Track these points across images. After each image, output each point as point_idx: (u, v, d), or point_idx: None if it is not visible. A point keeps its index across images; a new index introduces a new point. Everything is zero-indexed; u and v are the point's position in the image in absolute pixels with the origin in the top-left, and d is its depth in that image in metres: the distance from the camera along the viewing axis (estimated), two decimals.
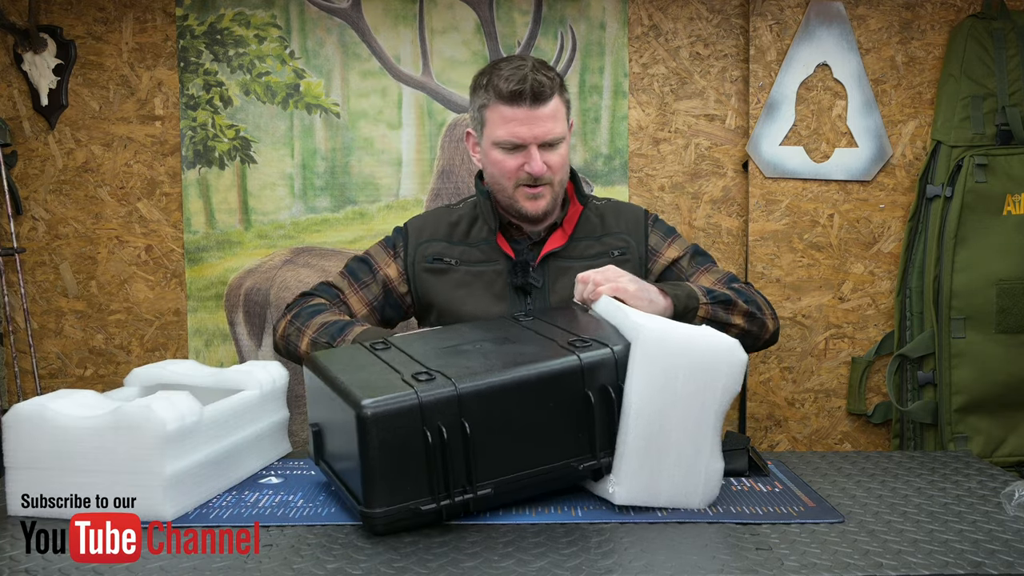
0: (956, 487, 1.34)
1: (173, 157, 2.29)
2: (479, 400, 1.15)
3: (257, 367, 1.49)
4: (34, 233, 2.30)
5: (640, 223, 1.74)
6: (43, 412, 1.20)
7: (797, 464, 1.48)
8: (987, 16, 2.17)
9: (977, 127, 2.15)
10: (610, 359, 1.20)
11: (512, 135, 1.58)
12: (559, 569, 1.02)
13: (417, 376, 1.17)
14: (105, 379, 2.31)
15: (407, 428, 1.12)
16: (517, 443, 1.18)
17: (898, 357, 2.21)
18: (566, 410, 1.19)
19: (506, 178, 1.61)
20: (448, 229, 1.72)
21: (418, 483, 1.13)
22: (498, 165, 1.61)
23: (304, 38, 2.27)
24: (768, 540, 1.11)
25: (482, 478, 1.16)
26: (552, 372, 1.19)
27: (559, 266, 1.67)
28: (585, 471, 1.21)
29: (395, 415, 1.11)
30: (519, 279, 1.65)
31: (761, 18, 2.23)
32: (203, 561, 1.06)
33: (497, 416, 1.16)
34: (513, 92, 1.56)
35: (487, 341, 1.32)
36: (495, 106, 1.59)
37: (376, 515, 1.12)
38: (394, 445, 1.11)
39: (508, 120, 1.58)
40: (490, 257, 1.68)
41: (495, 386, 1.16)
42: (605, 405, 1.20)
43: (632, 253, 1.70)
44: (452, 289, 1.67)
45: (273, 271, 2.29)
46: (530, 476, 1.19)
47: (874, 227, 2.25)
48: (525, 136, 1.58)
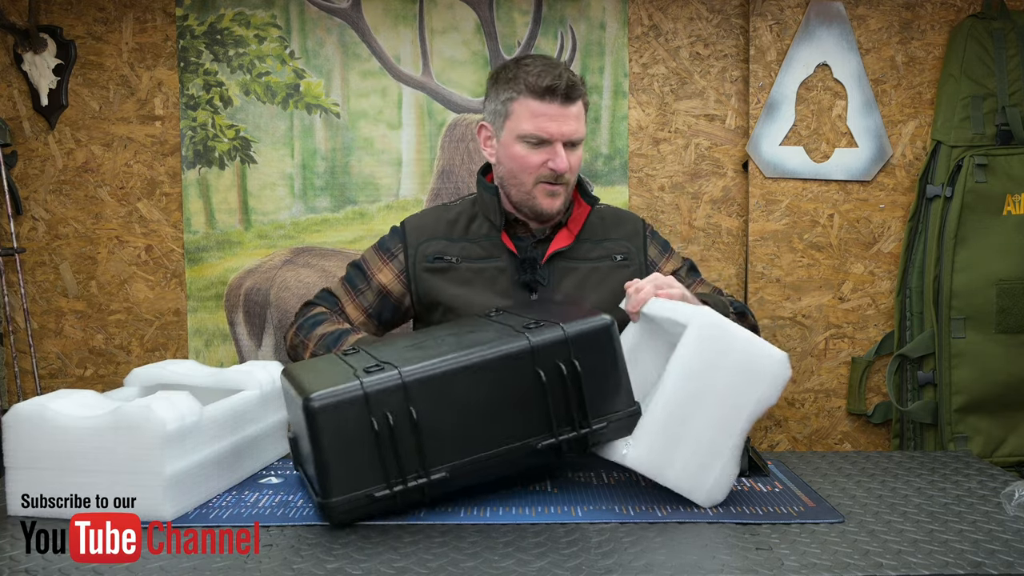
0: (956, 487, 1.34)
1: (173, 157, 2.29)
2: (425, 386, 1.18)
3: (257, 367, 1.49)
4: (34, 233, 2.30)
5: (639, 233, 1.76)
6: (43, 412, 1.20)
7: (797, 464, 1.48)
8: (987, 16, 2.17)
9: (977, 127, 2.15)
10: (560, 338, 1.22)
11: (541, 130, 1.59)
12: (559, 569, 1.02)
13: (368, 369, 1.21)
14: (105, 379, 2.31)
15: (354, 417, 1.15)
16: (471, 426, 1.20)
17: (898, 357, 2.21)
18: (520, 391, 1.21)
19: (527, 173, 1.61)
20: (447, 227, 1.72)
21: (371, 471, 1.16)
22: (520, 160, 1.62)
23: (304, 38, 2.27)
24: (768, 540, 1.11)
25: (436, 463, 1.18)
26: (501, 354, 1.21)
27: (565, 266, 1.67)
28: (545, 449, 1.22)
29: (341, 405, 1.15)
30: (527, 276, 1.65)
31: (761, 18, 2.23)
32: (203, 561, 1.06)
33: (446, 401, 1.19)
34: (548, 87, 1.57)
35: (451, 336, 1.35)
36: (524, 100, 1.59)
37: (333, 504, 1.15)
38: (343, 435, 1.15)
39: (537, 115, 1.58)
40: (492, 253, 1.68)
41: (441, 372, 1.19)
42: (559, 382, 1.22)
43: (633, 260, 1.71)
44: (456, 287, 1.67)
45: (273, 271, 2.30)
46: (487, 458, 1.20)
47: (874, 227, 2.25)
48: (553, 132, 1.59)
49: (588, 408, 1.23)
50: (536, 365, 1.21)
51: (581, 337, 1.23)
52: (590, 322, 1.25)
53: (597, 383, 1.24)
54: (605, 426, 1.23)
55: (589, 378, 1.23)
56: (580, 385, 1.22)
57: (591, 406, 1.23)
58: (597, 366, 1.24)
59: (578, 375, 1.22)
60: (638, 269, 1.70)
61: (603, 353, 1.24)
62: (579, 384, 1.22)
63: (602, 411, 1.24)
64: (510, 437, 1.21)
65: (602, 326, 1.25)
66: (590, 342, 1.23)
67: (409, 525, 1.17)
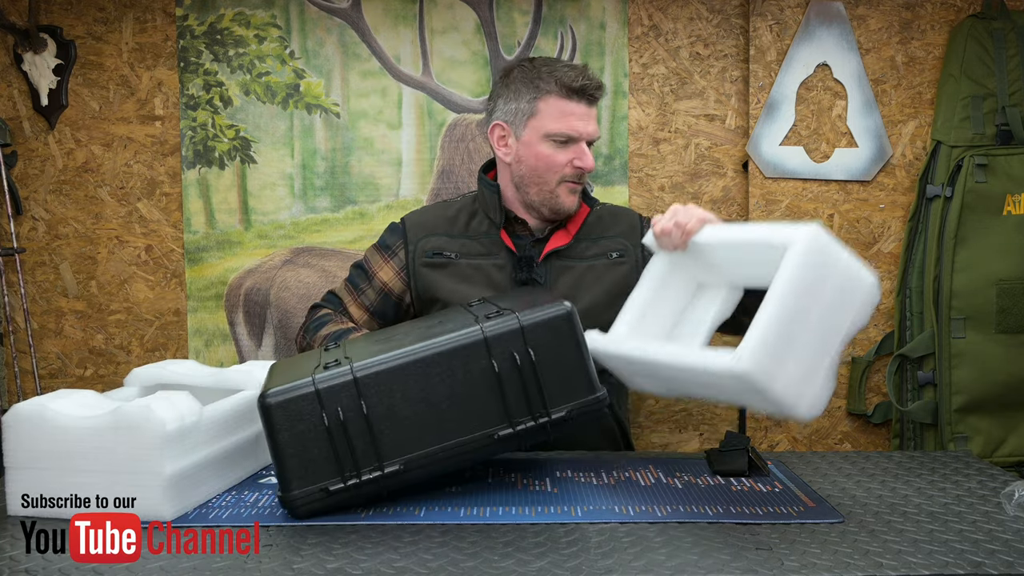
0: (956, 487, 1.34)
1: (173, 157, 2.29)
2: (376, 381, 1.19)
3: (257, 367, 1.49)
4: (34, 233, 2.30)
5: (636, 228, 1.76)
6: (43, 412, 1.20)
7: (797, 464, 1.48)
8: (987, 16, 2.17)
9: (977, 127, 2.15)
10: (515, 327, 1.22)
11: (571, 128, 1.61)
12: (559, 569, 1.02)
13: (327, 365, 1.23)
14: (105, 379, 2.31)
15: (307, 413, 1.18)
16: (426, 419, 1.20)
17: (898, 357, 2.21)
18: (476, 382, 1.21)
19: (552, 172, 1.63)
20: (447, 223, 1.73)
21: (326, 465, 1.18)
22: (546, 159, 1.63)
23: (304, 38, 2.27)
24: (768, 540, 1.11)
25: (391, 456, 1.19)
26: (452, 346, 1.21)
27: (561, 264, 1.68)
28: (504, 439, 1.22)
29: (293, 402, 1.18)
30: (523, 274, 1.66)
31: (761, 18, 2.23)
32: (203, 561, 1.06)
33: (399, 394, 1.20)
34: (580, 88, 1.60)
35: (420, 328, 1.36)
36: (553, 99, 1.61)
37: (292, 498, 1.18)
38: (297, 431, 1.18)
39: (567, 114, 1.61)
40: (491, 251, 1.69)
41: (391, 366, 1.20)
42: (514, 372, 1.22)
43: (629, 256, 1.72)
44: (454, 282, 1.67)
45: (273, 271, 2.30)
46: (444, 450, 1.21)
47: (874, 227, 2.25)
48: (582, 131, 1.62)
49: (546, 397, 1.23)
50: (491, 356, 1.21)
51: (537, 326, 1.23)
52: (547, 310, 1.24)
53: (556, 372, 1.23)
54: (565, 415, 1.23)
55: (546, 367, 1.22)
56: (536, 374, 1.22)
57: (550, 395, 1.23)
58: (555, 355, 1.23)
59: (533, 364, 1.22)
60: (634, 264, 1.71)
61: (561, 342, 1.24)
62: (535, 373, 1.22)
63: (562, 400, 1.24)
64: (466, 429, 1.22)
65: (559, 314, 1.24)
66: (547, 331, 1.23)
67: (409, 525, 1.17)
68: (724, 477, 1.38)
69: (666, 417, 2.29)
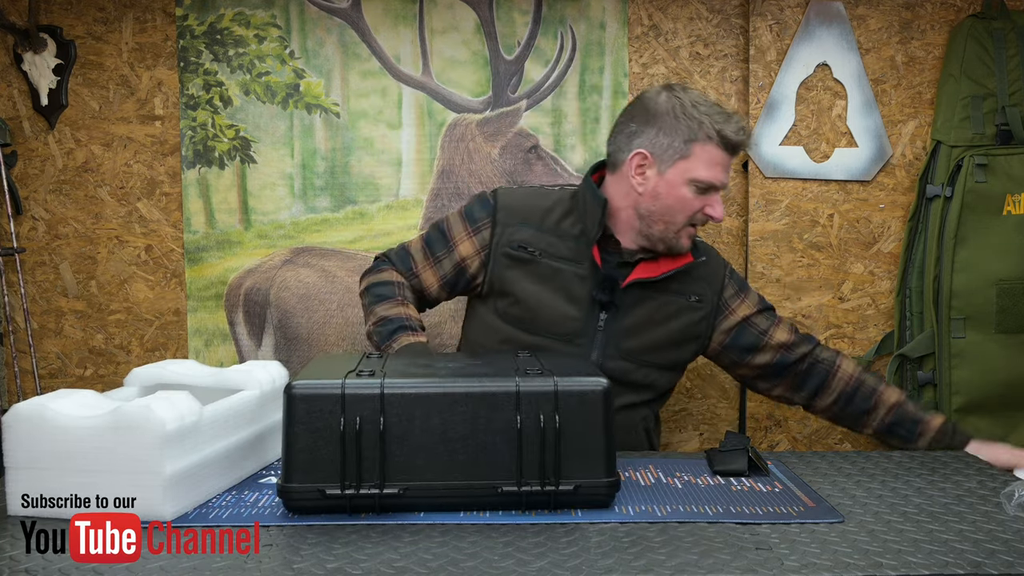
0: (956, 487, 1.34)
1: (173, 157, 2.29)
2: (401, 402, 1.19)
3: (257, 367, 1.49)
4: (34, 233, 2.30)
5: (718, 273, 1.75)
6: (43, 412, 1.20)
7: (797, 464, 1.47)
8: (987, 16, 2.17)
9: (977, 127, 2.15)
10: (550, 389, 1.20)
11: (717, 179, 1.61)
12: (559, 569, 1.02)
13: (360, 372, 1.23)
14: (105, 379, 2.31)
15: (327, 413, 1.18)
16: (437, 453, 1.20)
17: (898, 357, 2.21)
18: (496, 431, 1.20)
19: (684, 215, 1.63)
20: (540, 215, 1.69)
21: (330, 468, 1.18)
22: (684, 202, 1.62)
23: (304, 38, 2.27)
24: (768, 540, 1.11)
25: (393, 478, 1.19)
26: (482, 391, 1.20)
27: (642, 294, 1.67)
28: (507, 495, 1.19)
29: (317, 398, 1.18)
30: (605, 295, 1.64)
31: (761, 18, 2.23)
32: (203, 561, 1.06)
33: (419, 422, 1.19)
34: (737, 143, 1.61)
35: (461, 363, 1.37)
36: (710, 147, 1.60)
37: (289, 490, 1.18)
38: (312, 427, 1.18)
39: (716, 164, 1.61)
40: (577, 257, 1.66)
41: (420, 393, 1.20)
42: (536, 433, 1.20)
43: (706, 303, 1.71)
44: (531, 282, 1.65)
45: (273, 271, 2.30)
46: (446, 488, 1.20)
47: (874, 227, 2.25)
48: (724, 182, 1.63)
49: (561, 466, 1.20)
50: (518, 410, 1.20)
51: (571, 395, 1.21)
52: (585, 382, 1.22)
53: (576, 444, 1.21)
54: (574, 489, 1.20)
55: (569, 437, 1.20)
56: (557, 440, 1.20)
57: (564, 465, 1.20)
58: (581, 427, 1.21)
59: (558, 431, 1.20)
60: (710, 311, 1.71)
61: (590, 416, 1.21)
62: (557, 440, 1.20)
63: (575, 473, 1.21)
64: (473, 474, 1.20)
65: (595, 389, 1.22)
66: (579, 401, 1.21)
67: (409, 525, 1.17)
68: (724, 477, 1.38)
69: (666, 417, 2.28)
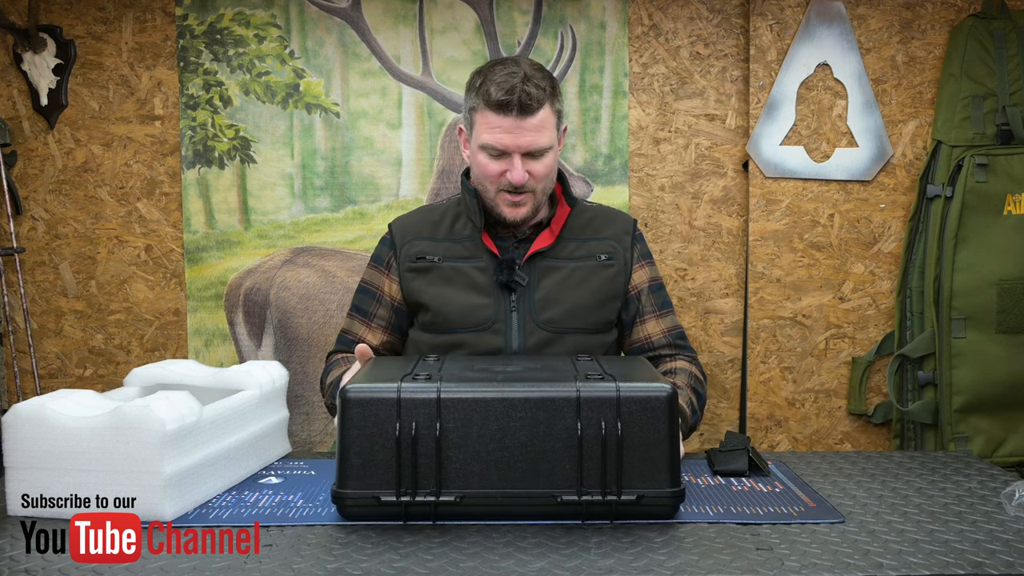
0: (956, 487, 1.34)
1: (173, 157, 2.29)
2: (458, 406, 1.17)
3: (257, 367, 1.49)
4: (34, 233, 2.30)
5: (628, 232, 1.74)
6: (43, 412, 1.20)
7: (797, 464, 1.47)
8: (987, 16, 2.16)
9: (977, 127, 2.15)
10: (612, 395, 1.17)
11: (497, 142, 1.58)
12: (559, 569, 1.02)
13: (416, 376, 1.21)
14: (105, 379, 2.31)
15: (383, 418, 1.16)
16: (497, 459, 1.17)
17: (898, 357, 2.21)
18: (557, 437, 1.17)
19: (489, 182, 1.62)
20: (431, 227, 1.72)
21: (385, 475, 1.16)
22: (482, 168, 1.62)
23: (304, 38, 2.27)
24: (768, 540, 1.11)
25: (451, 485, 1.17)
26: (541, 396, 1.17)
27: (545, 265, 1.67)
28: (567, 504, 1.16)
29: (373, 403, 1.16)
30: (504, 276, 1.65)
31: (761, 18, 2.23)
32: (203, 561, 1.06)
33: (476, 428, 1.17)
34: (500, 102, 1.55)
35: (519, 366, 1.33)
36: (483, 111, 1.59)
37: (343, 495, 1.17)
38: (367, 432, 1.16)
39: (493, 127, 1.58)
40: (474, 253, 1.68)
41: (477, 398, 1.17)
42: (597, 440, 1.16)
43: (618, 260, 1.71)
44: (437, 287, 1.66)
45: (273, 271, 2.29)
46: (505, 496, 1.17)
47: (874, 227, 2.25)
48: (509, 145, 1.58)
49: (623, 475, 1.17)
50: (579, 417, 1.17)
51: (634, 400, 1.17)
52: (649, 388, 1.19)
53: (639, 452, 1.17)
54: (636, 499, 1.17)
55: (631, 445, 1.17)
56: (620, 448, 1.16)
57: (627, 474, 1.17)
58: (644, 434, 1.17)
59: (620, 439, 1.16)
60: (621, 268, 1.70)
61: (654, 423, 1.18)
62: (619, 447, 1.16)
63: (639, 483, 1.17)
64: (532, 482, 1.18)
65: (659, 395, 1.18)
66: (643, 408, 1.18)
67: (409, 525, 1.17)
68: (724, 477, 1.38)
69: None
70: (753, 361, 2.27)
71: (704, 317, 2.32)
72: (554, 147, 1.63)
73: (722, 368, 2.33)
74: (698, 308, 2.31)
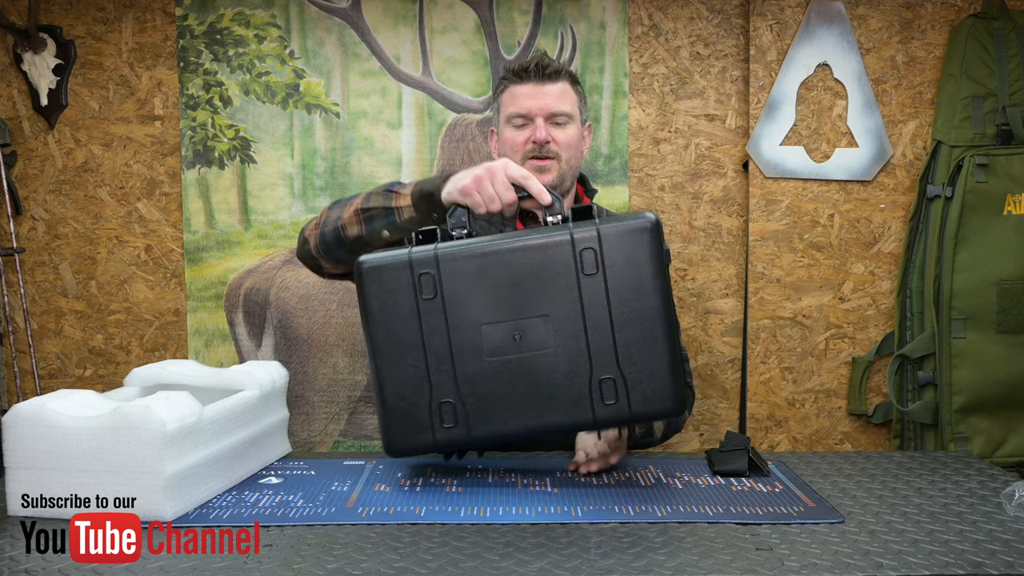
0: (956, 487, 1.34)
1: (173, 157, 2.29)
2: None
3: (257, 367, 1.49)
4: (34, 233, 2.30)
5: None
6: (43, 412, 1.20)
7: (797, 464, 1.47)
8: (987, 16, 2.16)
9: (977, 127, 2.15)
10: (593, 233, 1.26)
11: (521, 107, 1.68)
12: (559, 569, 1.02)
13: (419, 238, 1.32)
14: (105, 379, 2.31)
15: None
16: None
17: (898, 357, 2.21)
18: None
19: (516, 152, 1.68)
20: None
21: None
22: (510, 142, 1.70)
23: (304, 38, 2.27)
24: (768, 540, 1.11)
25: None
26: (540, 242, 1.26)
27: None
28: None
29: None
30: None
31: (761, 18, 2.23)
32: (203, 561, 1.06)
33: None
34: (520, 68, 1.69)
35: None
36: (507, 88, 1.71)
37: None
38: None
39: (517, 96, 1.69)
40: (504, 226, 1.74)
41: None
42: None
43: None
44: None
45: (273, 271, 2.29)
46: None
47: (874, 227, 2.25)
48: (532, 108, 1.67)
49: (611, 299, 1.25)
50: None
51: (622, 234, 1.27)
52: (628, 221, 1.29)
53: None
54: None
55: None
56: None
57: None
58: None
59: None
60: None
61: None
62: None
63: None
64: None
65: (642, 225, 1.28)
66: (627, 238, 1.27)
67: (409, 525, 1.17)
68: (724, 477, 1.38)
69: None
70: (753, 361, 2.27)
71: (704, 317, 2.32)
72: (576, 121, 1.71)
73: (722, 368, 2.33)
74: (698, 308, 2.32)
